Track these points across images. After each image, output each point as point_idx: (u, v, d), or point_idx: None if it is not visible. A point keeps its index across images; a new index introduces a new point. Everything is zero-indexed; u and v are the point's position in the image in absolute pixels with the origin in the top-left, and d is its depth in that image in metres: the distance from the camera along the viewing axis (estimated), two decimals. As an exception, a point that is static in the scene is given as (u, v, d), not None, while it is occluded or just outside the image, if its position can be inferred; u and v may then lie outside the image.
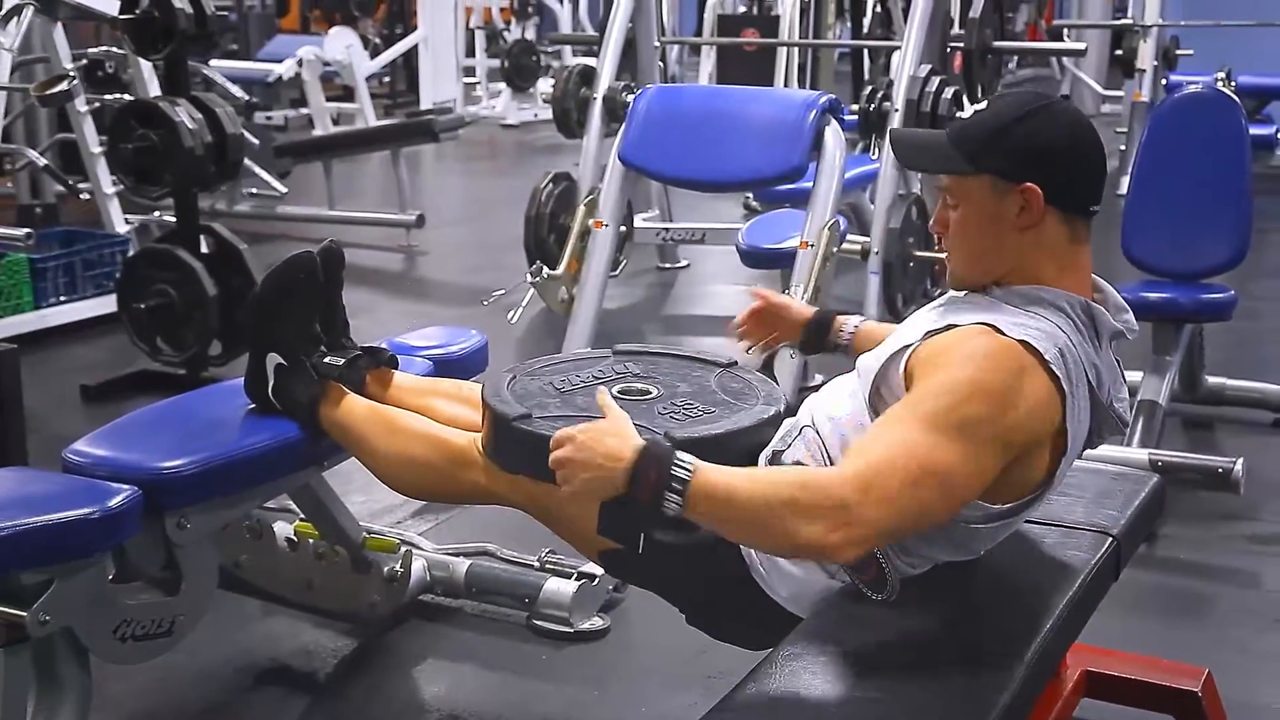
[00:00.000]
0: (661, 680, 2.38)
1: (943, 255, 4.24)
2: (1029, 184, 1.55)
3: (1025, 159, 1.55)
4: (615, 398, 1.85)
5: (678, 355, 2.03)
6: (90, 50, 5.33)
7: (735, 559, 1.71)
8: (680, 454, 1.47)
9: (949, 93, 4.26)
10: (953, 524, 1.59)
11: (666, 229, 4.61)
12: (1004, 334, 1.52)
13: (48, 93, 4.01)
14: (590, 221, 3.68)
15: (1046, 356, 1.51)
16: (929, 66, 4.31)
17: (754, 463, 1.74)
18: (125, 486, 1.86)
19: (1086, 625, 1.80)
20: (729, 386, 1.92)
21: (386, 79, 11.47)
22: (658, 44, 5.26)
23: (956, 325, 1.57)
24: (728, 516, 1.46)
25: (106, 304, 4.59)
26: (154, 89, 4.95)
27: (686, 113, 3.47)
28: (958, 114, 4.25)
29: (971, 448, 1.47)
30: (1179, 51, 7.34)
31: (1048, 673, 1.71)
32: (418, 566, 2.57)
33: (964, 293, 1.66)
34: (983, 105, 1.63)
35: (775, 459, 1.72)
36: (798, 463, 1.68)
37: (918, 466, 1.45)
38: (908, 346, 1.59)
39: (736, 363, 1.98)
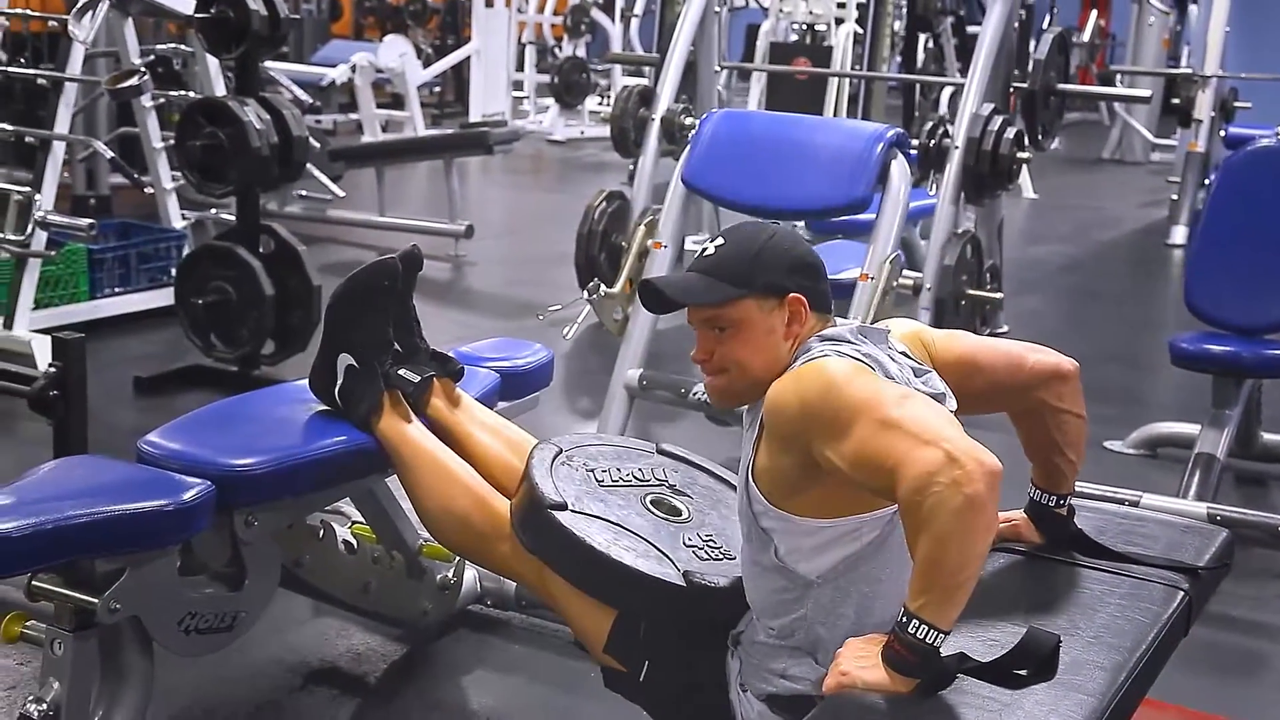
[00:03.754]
0: (710, 706, 2.37)
1: (996, 295, 4.14)
2: (794, 294, 1.69)
3: (785, 273, 1.70)
4: (648, 510, 1.94)
5: (716, 475, 2.10)
6: (158, 46, 5.39)
7: (724, 706, 1.75)
8: (903, 633, 1.50)
9: (1011, 133, 4.25)
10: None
11: (717, 253, 4.60)
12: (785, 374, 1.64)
13: (119, 86, 4.05)
14: (650, 242, 3.67)
15: (828, 350, 1.63)
16: (991, 105, 4.30)
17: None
18: (199, 480, 1.88)
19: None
20: None
21: (436, 89, 11.55)
22: (718, 69, 5.28)
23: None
24: (962, 590, 1.49)
25: (160, 297, 4.64)
26: (219, 88, 5.02)
27: (753, 138, 3.45)
28: (1019, 154, 4.25)
29: (878, 385, 1.56)
30: (1237, 104, 7.31)
31: (1120, 728, 1.69)
32: (469, 577, 2.57)
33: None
34: (714, 245, 1.73)
35: (735, 641, 1.78)
36: (759, 642, 1.72)
37: (900, 410, 1.51)
38: (746, 482, 1.67)
39: None
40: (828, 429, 1.54)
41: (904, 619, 1.50)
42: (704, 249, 1.75)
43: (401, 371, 2.10)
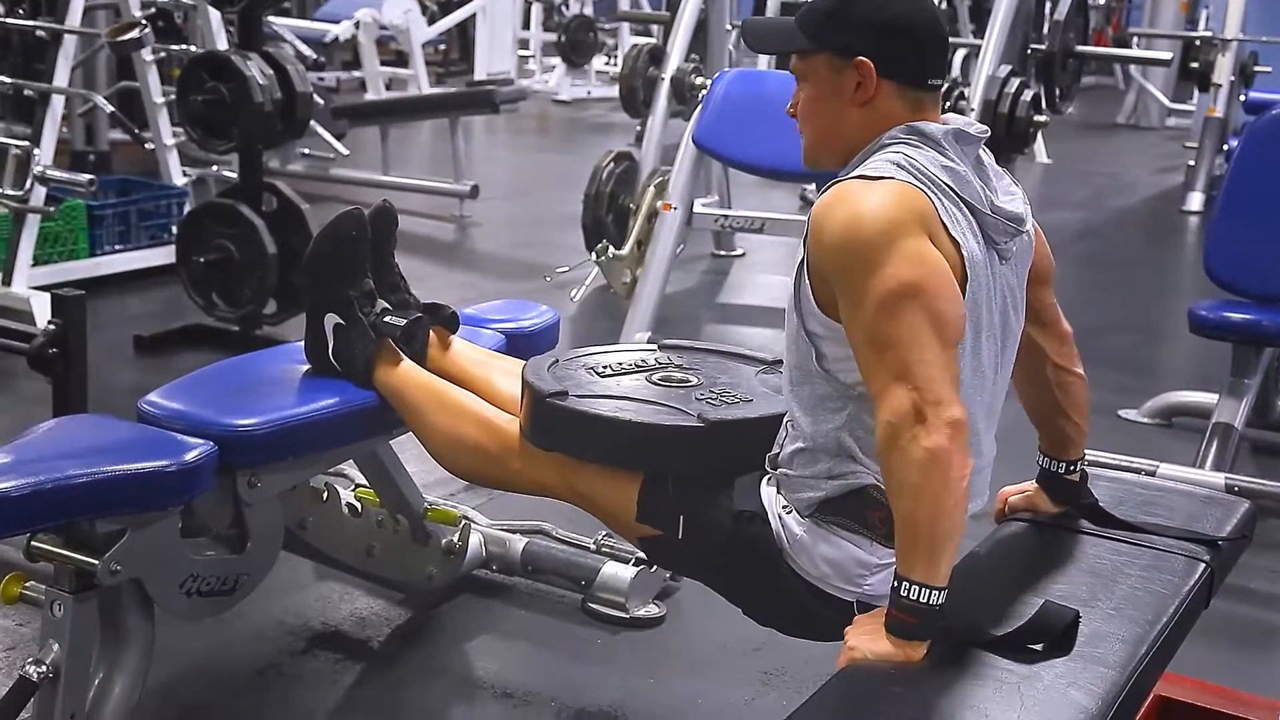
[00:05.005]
0: (718, 672, 2.34)
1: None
2: (861, 58, 1.60)
3: (859, 34, 1.61)
4: (654, 384, 1.90)
5: (721, 351, 2.06)
6: (158, -1, 5.31)
7: (767, 537, 1.69)
8: (897, 598, 1.48)
9: (1028, 95, 4.18)
10: None
11: (726, 216, 4.55)
12: (843, 181, 1.59)
13: (119, 39, 3.98)
14: (659, 204, 3.62)
15: (883, 173, 1.56)
16: (1009, 67, 4.23)
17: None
18: (201, 441, 1.84)
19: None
20: (768, 381, 1.94)
21: (441, 46, 11.43)
22: (729, 27, 5.19)
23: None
24: (944, 544, 1.48)
25: (160, 255, 4.59)
26: (221, 42, 4.94)
27: (766, 98, 3.39)
28: (1035, 117, 4.19)
29: (900, 255, 1.50)
30: (1257, 68, 7.20)
31: (1140, 704, 1.66)
32: (475, 541, 2.54)
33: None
34: None
35: (773, 463, 1.73)
36: (800, 449, 1.67)
37: (897, 316, 1.48)
38: (800, 279, 1.63)
39: (780, 361, 1.97)
40: (841, 283, 1.54)
41: (895, 583, 1.49)
42: None
43: (388, 318, 2.07)
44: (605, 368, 1.95)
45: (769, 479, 1.73)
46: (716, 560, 1.77)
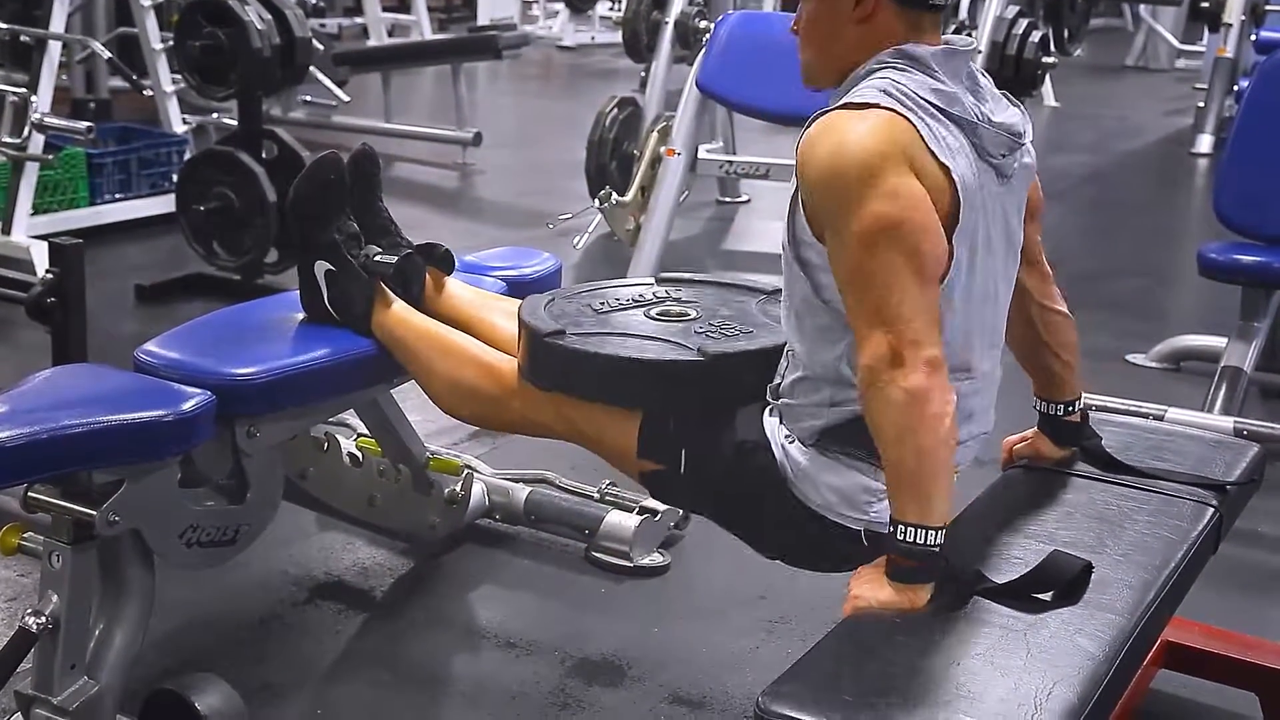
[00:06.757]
0: (722, 621, 2.33)
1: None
2: None
3: None
4: (653, 319, 1.89)
5: (721, 283, 2.05)
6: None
7: (770, 467, 1.68)
8: (895, 542, 1.48)
9: (1036, 36, 4.12)
10: None
11: (731, 162, 4.49)
12: (826, 113, 1.57)
13: (114, -17, 3.92)
14: (662, 149, 3.57)
15: (868, 99, 1.54)
16: (1017, 8, 4.16)
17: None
18: (198, 391, 1.82)
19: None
20: (769, 311, 1.92)
21: (444, -8, 11.29)
22: (733, -30, 5.10)
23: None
24: (933, 483, 1.48)
25: (161, 204, 4.56)
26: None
27: (771, 41, 3.32)
28: (1044, 59, 4.13)
29: (880, 191, 1.49)
30: (1268, 7, 7.08)
31: (1148, 650, 1.65)
32: (477, 490, 2.53)
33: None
34: None
35: (774, 393, 1.71)
36: (800, 378, 1.66)
37: (875, 255, 1.48)
38: (794, 208, 1.61)
39: (781, 290, 1.94)
40: (826, 218, 1.54)
41: (892, 529, 1.49)
42: None
43: (378, 257, 2.05)
44: (603, 303, 1.93)
45: (771, 409, 1.72)
46: (720, 493, 1.76)
